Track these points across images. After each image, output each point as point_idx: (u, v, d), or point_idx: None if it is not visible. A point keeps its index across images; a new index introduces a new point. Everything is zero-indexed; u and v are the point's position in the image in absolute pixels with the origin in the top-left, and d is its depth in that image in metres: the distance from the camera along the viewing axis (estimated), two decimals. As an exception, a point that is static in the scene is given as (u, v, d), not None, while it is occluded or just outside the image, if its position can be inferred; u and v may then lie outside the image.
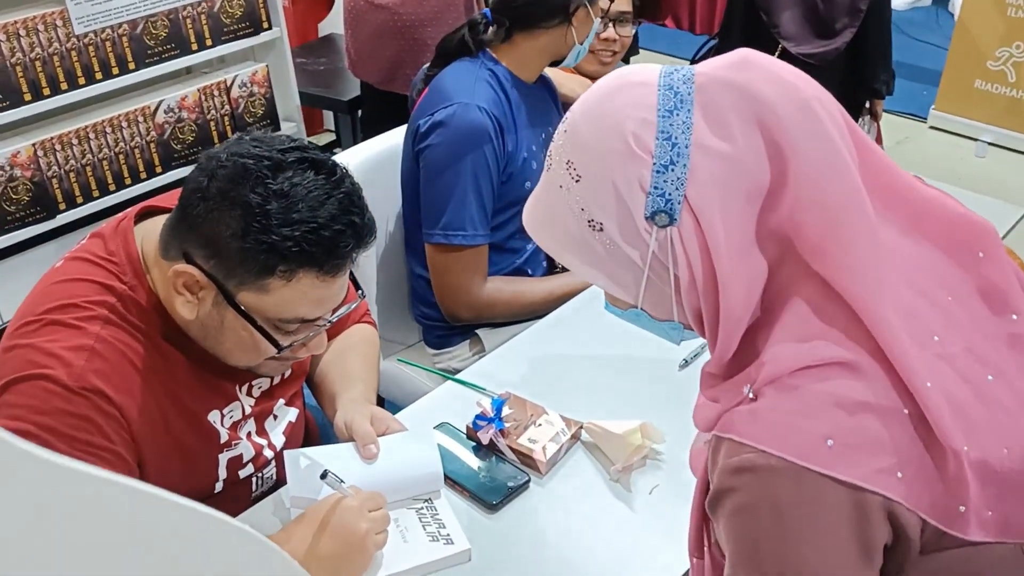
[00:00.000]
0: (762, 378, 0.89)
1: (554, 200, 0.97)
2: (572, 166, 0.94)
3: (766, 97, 0.88)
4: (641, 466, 1.49)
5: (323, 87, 3.54)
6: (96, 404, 1.20)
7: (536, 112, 2.02)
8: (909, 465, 0.85)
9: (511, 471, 1.47)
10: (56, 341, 1.20)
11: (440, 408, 1.62)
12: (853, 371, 0.87)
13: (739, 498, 0.88)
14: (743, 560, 0.90)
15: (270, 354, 1.28)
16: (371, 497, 1.29)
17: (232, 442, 1.40)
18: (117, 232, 1.30)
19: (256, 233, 1.16)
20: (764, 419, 0.87)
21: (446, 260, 1.95)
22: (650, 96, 0.91)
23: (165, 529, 0.54)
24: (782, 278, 0.92)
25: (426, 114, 1.92)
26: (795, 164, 0.88)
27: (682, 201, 0.89)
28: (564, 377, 1.70)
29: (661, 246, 0.92)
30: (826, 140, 0.88)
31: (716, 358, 0.96)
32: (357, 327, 1.67)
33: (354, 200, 1.22)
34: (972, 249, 0.96)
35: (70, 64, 2.56)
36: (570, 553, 1.35)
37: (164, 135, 2.83)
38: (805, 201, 0.88)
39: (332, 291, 1.24)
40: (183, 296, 1.23)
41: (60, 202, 2.66)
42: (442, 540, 1.34)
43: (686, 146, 0.89)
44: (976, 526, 0.87)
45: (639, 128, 0.90)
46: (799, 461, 0.84)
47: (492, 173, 1.91)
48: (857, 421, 0.85)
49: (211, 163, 1.20)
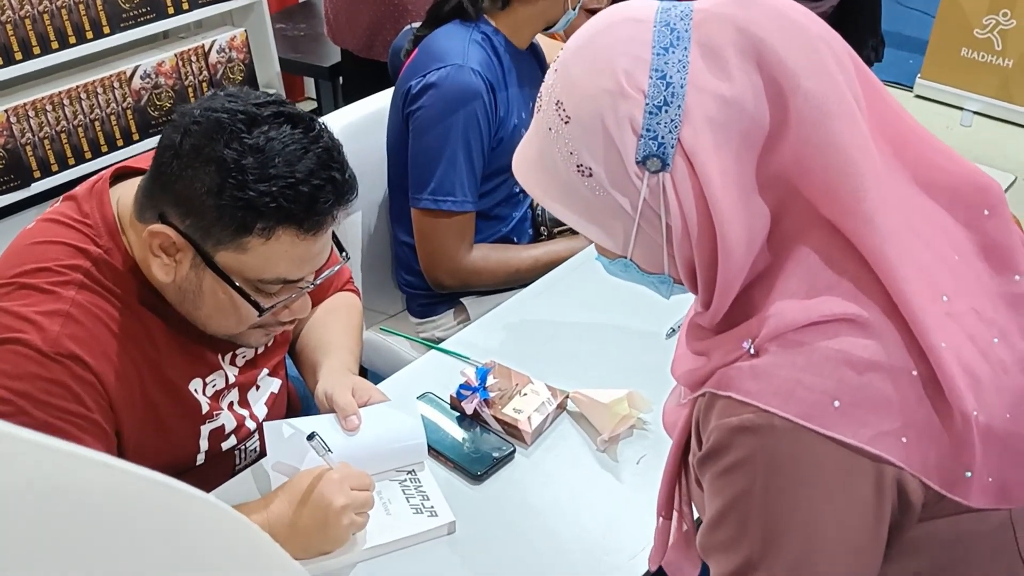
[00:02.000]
0: (765, 333, 0.85)
1: (543, 143, 0.92)
2: (561, 106, 0.89)
3: (768, 35, 0.83)
4: (628, 436, 1.47)
5: (303, 53, 3.48)
6: (72, 370, 1.16)
7: (526, 79, 1.99)
8: (914, 428, 0.82)
9: (496, 441, 1.45)
10: (30, 306, 1.17)
11: (423, 378, 1.60)
12: (863, 328, 0.83)
13: (734, 455, 0.84)
14: (727, 516, 0.87)
15: (251, 319, 1.24)
16: (356, 475, 1.26)
17: (213, 412, 1.37)
18: (92, 194, 1.26)
19: (232, 189, 1.12)
20: (767, 376, 0.83)
21: (433, 225, 1.91)
22: (644, 32, 0.86)
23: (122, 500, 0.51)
24: (785, 226, 0.87)
25: (417, 76, 1.87)
26: (796, 105, 0.82)
27: (676, 144, 0.84)
28: (550, 346, 1.67)
29: (653, 193, 0.87)
30: (829, 81, 0.83)
31: (711, 313, 0.91)
32: (340, 295, 1.64)
33: (333, 156, 1.18)
34: (978, 206, 0.91)
35: (43, 28, 2.50)
36: (556, 524, 1.33)
37: (141, 101, 2.77)
38: (809, 144, 0.83)
39: (314, 250, 1.21)
40: (160, 259, 1.19)
41: (35, 170, 2.61)
42: (426, 512, 1.32)
43: (681, 86, 0.84)
44: (978, 492, 0.84)
45: (632, 66, 0.85)
46: (803, 421, 0.81)
47: (483, 137, 1.87)
48: (866, 381, 0.81)
49: (184, 119, 1.16)
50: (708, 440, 0.87)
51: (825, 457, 0.81)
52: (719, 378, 0.87)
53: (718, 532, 0.88)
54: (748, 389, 0.84)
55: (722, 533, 0.88)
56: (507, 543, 1.31)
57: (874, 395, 0.81)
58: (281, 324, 1.31)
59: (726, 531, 0.87)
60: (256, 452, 1.48)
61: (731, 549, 0.87)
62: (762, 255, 0.88)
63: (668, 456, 1.03)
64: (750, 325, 0.87)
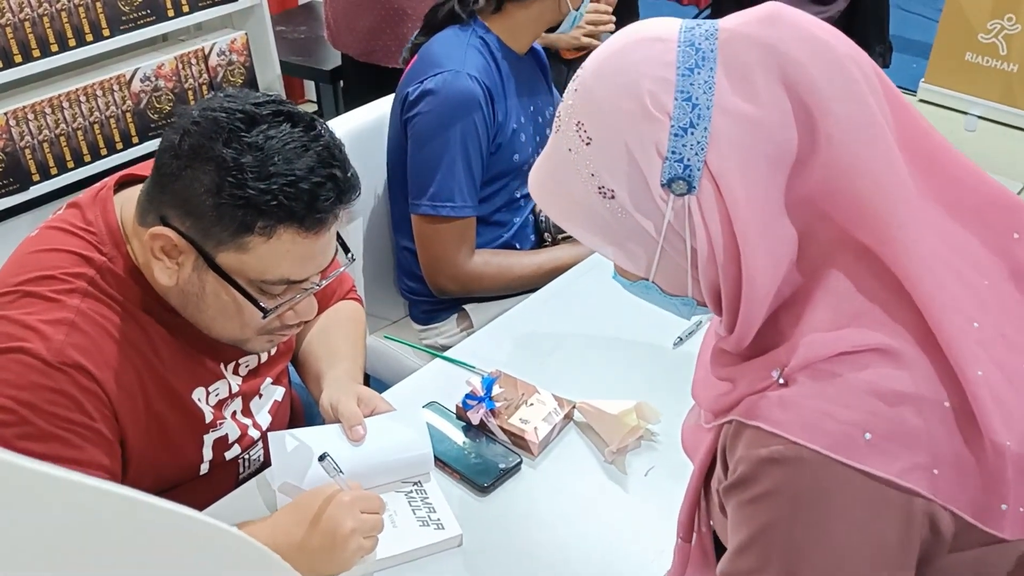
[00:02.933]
0: (794, 363, 0.82)
1: (561, 164, 0.89)
2: (582, 127, 0.86)
3: (796, 56, 0.80)
4: (636, 447, 1.45)
5: (304, 56, 3.46)
6: (76, 380, 1.15)
7: (525, 84, 1.97)
8: (946, 461, 0.79)
9: (502, 452, 1.43)
10: (33, 314, 1.15)
11: (428, 387, 1.58)
12: (894, 359, 0.80)
13: (761, 487, 0.82)
14: (751, 547, 0.85)
15: (255, 320, 1.22)
16: (367, 497, 1.23)
17: (217, 422, 1.35)
18: (96, 201, 1.24)
19: (231, 188, 1.10)
20: (796, 407, 0.81)
21: (433, 231, 1.90)
22: (669, 53, 0.83)
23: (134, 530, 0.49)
24: (813, 251, 0.85)
25: (415, 82, 1.86)
26: (825, 127, 0.80)
27: (702, 167, 0.82)
28: (556, 355, 1.65)
29: (678, 216, 0.84)
30: (860, 103, 0.80)
31: (735, 337, 0.89)
32: (343, 303, 1.62)
33: (334, 153, 1.16)
34: (1007, 229, 0.89)
35: (42, 31, 2.48)
36: (563, 537, 1.31)
37: (140, 104, 2.75)
38: (838, 168, 0.81)
39: (316, 248, 1.18)
40: (162, 262, 1.18)
41: (33, 173, 2.58)
42: (433, 525, 1.30)
43: (707, 107, 0.81)
44: (1011, 523, 0.81)
45: (656, 87, 0.82)
46: (832, 454, 0.78)
47: (482, 143, 1.86)
48: (897, 413, 0.79)
49: (183, 120, 1.15)
50: (735, 470, 0.85)
51: (854, 490, 0.79)
52: (747, 407, 0.84)
53: (740, 561, 0.86)
54: (777, 419, 0.81)
55: (744, 562, 0.86)
56: (515, 556, 1.29)
57: (906, 428, 0.79)
58: (287, 327, 1.29)
59: (748, 561, 0.85)
60: (260, 460, 1.46)
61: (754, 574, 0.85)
62: (789, 280, 0.86)
63: (690, 479, 1.01)
64: (778, 353, 0.85)
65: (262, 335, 1.27)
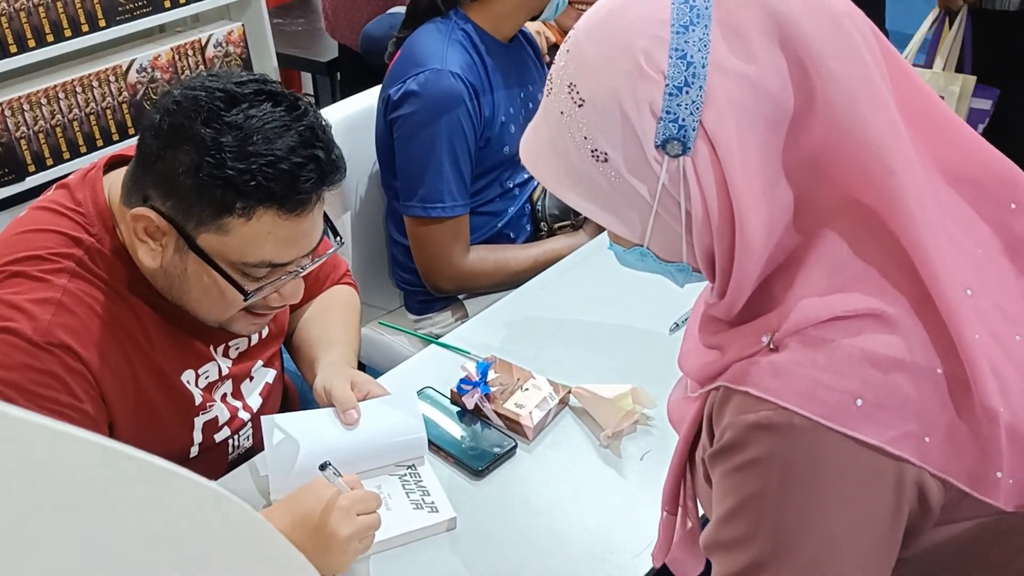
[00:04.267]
0: (785, 328, 0.81)
1: (554, 128, 0.87)
2: (575, 89, 0.84)
3: (791, 12, 0.79)
4: (632, 431, 1.44)
5: (301, 48, 3.46)
6: (63, 360, 1.14)
7: (513, 73, 1.95)
8: (939, 428, 0.79)
9: (497, 437, 1.43)
10: (20, 294, 1.15)
11: (423, 372, 1.57)
12: (888, 324, 0.79)
13: (750, 453, 0.81)
14: (738, 515, 0.84)
15: (238, 303, 1.22)
16: (364, 498, 1.20)
17: (207, 404, 1.34)
18: (84, 182, 1.24)
19: (209, 168, 1.10)
20: (788, 373, 0.79)
21: (426, 232, 1.89)
22: (663, 10, 0.81)
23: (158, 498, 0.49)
24: (809, 215, 0.83)
25: (397, 82, 1.83)
26: (822, 86, 0.79)
27: (697, 127, 0.80)
28: (551, 341, 1.65)
29: (672, 178, 0.82)
30: (858, 62, 0.79)
31: (726, 303, 0.87)
32: (337, 288, 1.62)
33: (318, 134, 1.15)
34: (1005, 200, 0.88)
35: (38, 21, 2.47)
36: (558, 521, 1.31)
37: (137, 95, 2.74)
38: (838, 129, 0.79)
39: (299, 231, 1.17)
40: (146, 243, 1.17)
41: (29, 164, 2.57)
42: (426, 508, 1.29)
43: (702, 66, 0.79)
44: (1006, 493, 0.80)
45: (651, 45, 0.81)
46: (824, 421, 0.77)
47: (469, 140, 1.84)
48: (890, 380, 0.78)
49: (165, 99, 1.14)
50: (722, 436, 0.84)
51: (845, 458, 0.78)
52: (736, 372, 0.83)
53: (726, 530, 0.85)
54: (767, 385, 0.80)
55: (730, 531, 0.85)
56: (508, 539, 1.28)
57: (898, 395, 0.78)
58: (271, 309, 1.28)
59: (735, 529, 0.84)
60: (249, 443, 1.46)
61: (738, 548, 0.84)
62: (783, 244, 0.84)
63: (675, 450, 1.00)
64: (769, 318, 0.83)
65: (246, 315, 1.26)
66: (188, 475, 0.49)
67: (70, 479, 0.45)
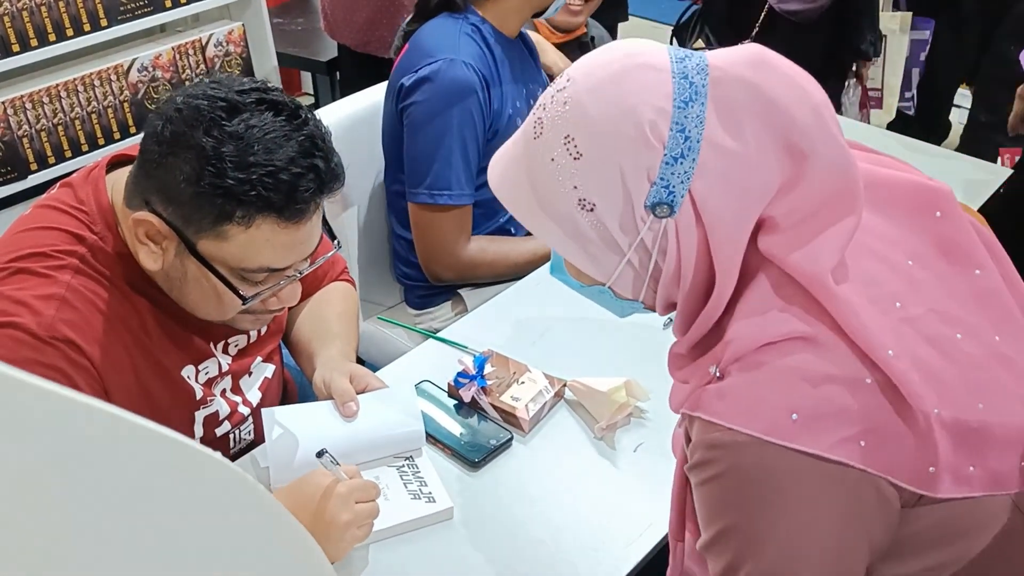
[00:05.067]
0: (727, 357, 0.90)
1: (540, 169, 0.93)
2: (571, 141, 0.90)
3: (782, 101, 0.87)
4: (626, 424, 1.47)
5: (301, 47, 3.47)
6: (67, 354, 1.16)
7: (519, 69, 1.98)
8: (874, 432, 0.86)
9: (493, 429, 1.45)
10: (25, 289, 1.17)
11: (421, 366, 1.60)
12: (814, 344, 0.88)
13: (709, 471, 0.90)
14: (709, 524, 0.93)
15: (236, 307, 1.24)
16: (363, 487, 1.22)
17: (207, 399, 1.36)
18: (88, 181, 1.26)
19: (210, 177, 1.11)
20: (730, 397, 0.88)
21: (430, 219, 1.91)
22: (666, 84, 0.88)
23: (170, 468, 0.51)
24: (748, 258, 0.92)
25: (410, 71, 1.87)
26: (811, 166, 0.87)
27: (685, 194, 0.88)
28: (547, 335, 1.67)
29: (653, 235, 0.91)
30: (836, 143, 0.88)
31: (687, 340, 0.97)
32: (335, 284, 1.64)
33: (317, 143, 1.17)
34: (929, 210, 0.97)
35: (40, 20, 2.49)
36: (553, 511, 1.33)
37: (138, 94, 2.77)
38: (808, 198, 0.88)
39: (298, 237, 1.19)
40: (147, 247, 1.19)
41: (31, 162, 2.60)
42: (424, 498, 1.32)
43: (697, 140, 0.87)
44: (950, 483, 0.88)
45: (656, 117, 0.88)
46: (765, 436, 0.85)
47: (478, 131, 1.87)
48: (820, 393, 0.86)
49: (167, 107, 1.16)
50: (692, 455, 0.93)
51: (790, 468, 0.86)
52: (692, 400, 0.92)
53: (705, 537, 0.94)
54: (714, 410, 0.89)
55: (708, 538, 0.94)
56: (504, 530, 1.31)
57: (830, 405, 0.86)
58: (271, 311, 1.31)
59: (709, 536, 0.93)
60: (251, 437, 1.48)
61: (716, 552, 0.93)
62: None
63: (674, 478, 1.06)
64: (716, 351, 0.92)
65: (246, 314, 1.29)
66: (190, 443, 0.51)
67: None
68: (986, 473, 0.89)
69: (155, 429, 0.49)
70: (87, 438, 0.47)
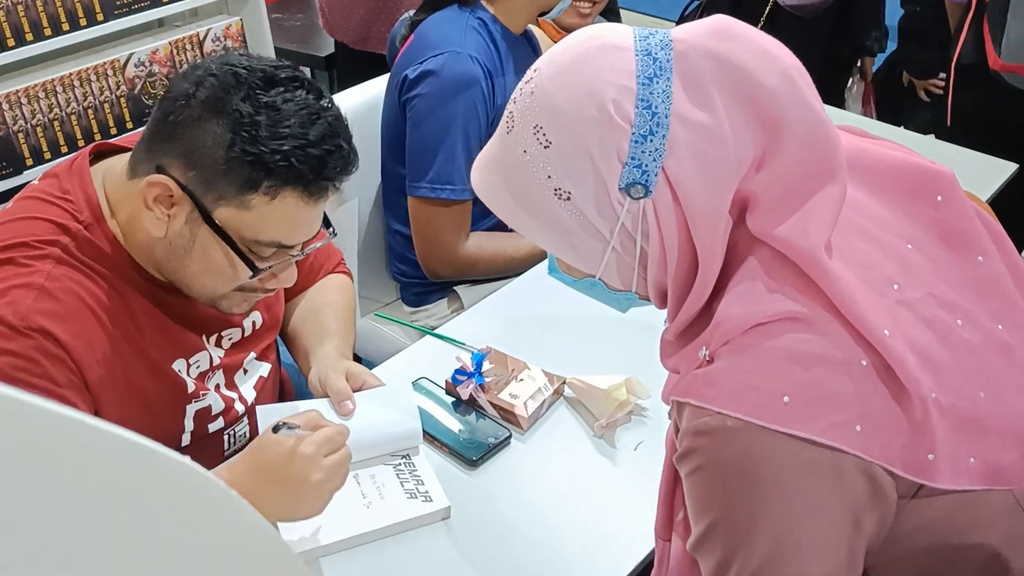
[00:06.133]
0: (716, 340, 0.88)
1: (514, 165, 0.92)
2: (540, 131, 0.89)
3: (750, 68, 0.85)
4: (626, 422, 1.45)
5: (299, 43, 3.47)
6: (41, 345, 1.14)
7: (523, 65, 1.95)
8: (870, 417, 0.83)
9: (491, 427, 1.43)
10: (3, 280, 1.15)
11: (418, 363, 1.58)
12: (806, 324, 0.85)
13: (697, 460, 0.87)
14: (699, 518, 0.90)
15: (239, 279, 1.22)
16: (328, 439, 1.18)
17: (200, 392, 1.34)
18: (72, 171, 1.24)
19: (243, 144, 1.11)
20: (719, 381, 0.86)
21: (430, 214, 1.89)
22: (628, 62, 0.87)
23: (96, 459, 0.49)
24: (737, 239, 0.90)
25: (414, 63, 1.85)
26: (786, 133, 0.85)
27: (659, 173, 0.86)
28: (546, 332, 1.65)
29: (632, 219, 0.89)
30: (809, 108, 0.86)
31: (676, 326, 0.95)
32: (332, 277, 1.62)
33: (342, 125, 1.19)
34: (929, 195, 0.94)
35: (36, 15, 2.47)
36: (552, 511, 1.31)
37: (135, 90, 2.74)
38: (787, 168, 0.86)
39: (312, 215, 1.20)
40: (154, 211, 1.17)
41: (27, 157, 2.57)
42: (420, 497, 1.30)
43: (665, 116, 0.85)
44: (950, 473, 0.84)
45: (619, 95, 0.86)
46: (754, 420, 0.82)
47: (481, 125, 1.85)
48: (813, 376, 0.83)
49: (197, 72, 1.15)
50: (680, 444, 0.90)
51: (780, 453, 0.83)
52: (681, 386, 0.90)
53: (696, 531, 0.91)
54: (703, 394, 0.86)
55: (698, 533, 0.90)
56: (503, 529, 1.29)
57: (823, 389, 0.83)
58: (264, 291, 1.29)
59: (700, 531, 0.90)
60: (246, 436, 1.46)
61: (707, 547, 0.90)
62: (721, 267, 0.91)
63: (662, 474, 1.04)
64: (705, 335, 0.90)
65: (237, 292, 1.26)
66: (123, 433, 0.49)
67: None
68: (986, 465, 0.86)
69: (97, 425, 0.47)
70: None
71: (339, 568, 1.23)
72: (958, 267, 0.93)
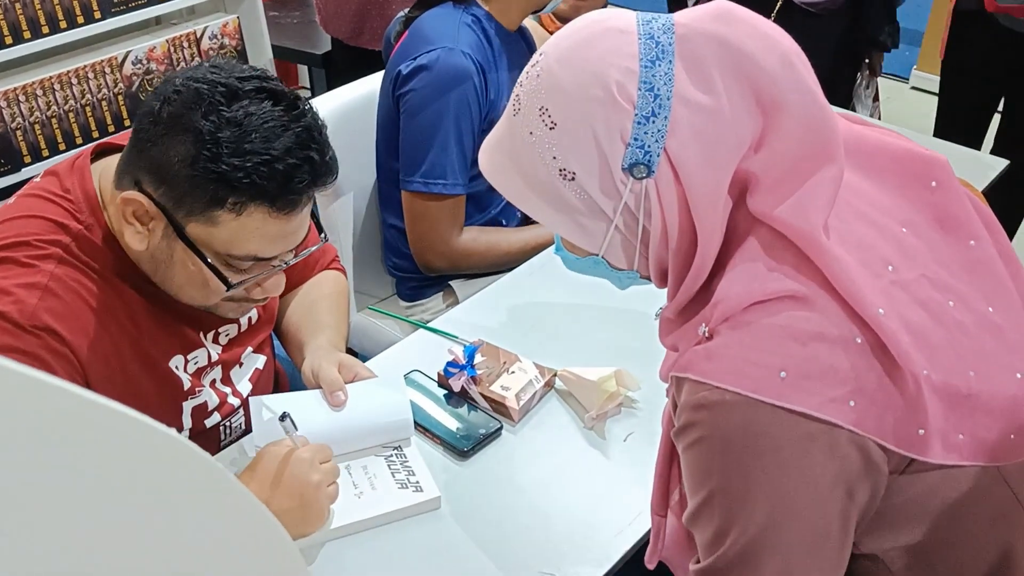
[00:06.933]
0: (716, 317, 0.90)
1: (521, 146, 0.94)
2: (546, 112, 0.91)
3: (750, 51, 0.87)
4: (616, 413, 1.46)
5: (296, 40, 3.47)
6: (47, 343, 1.16)
7: (516, 62, 1.97)
8: (864, 393, 0.85)
9: (483, 419, 1.44)
10: (7, 279, 1.16)
11: (411, 356, 1.59)
12: (803, 303, 0.87)
13: (695, 433, 0.89)
14: (696, 490, 0.92)
15: (220, 292, 1.23)
16: (320, 449, 1.25)
17: (196, 389, 1.36)
18: (73, 170, 1.25)
19: (205, 161, 1.11)
20: (719, 356, 0.88)
21: (424, 208, 1.90)
22: (631, 44, 0.89)
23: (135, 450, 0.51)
24: (737, 220, 0.92)
25: (408, 58, 1.86)
26: (785, 115, 0.88)
27: (661, 153, 0.88)
28: (538, 325, 1.67)
29: (635, 198, 0.91)
30: (808, 91, 0.88)
31: (675, 304, 0.97)
32: (325, 273, 1.63)
33: (314, 136, 1.17)
34: (924, 180, 0.97)
35: (33, 12, 2.48)
36: (542, 501, 1.33)
37: (132, 87, 2.76)
38: (786, 150, 0.88)
39: (287, 228, 1.19)
40: (133, 226, 1.19)
41: (25, 155, 2.59)
42: (411, 487, 1.31)
43: (668, 98, 0.88)
44: (940, 448, 0.87)
45: (623, 77, 0.88)
46: (752, 394, 0.85)
47: (474, 120, 1.86)
48: (810, 351, 0.85)
49: (166, 87, 1.15)
50: (679, 419, 0.92)
51: (777, 427, 0.85)
52: (681, 362, 0.91)
53: (692, 504, 0.93)
54: (703, 369, 0.88)
55: (695, 505, 0.92)
56: (493, 519, 1.30)
57: (819, 364, 0.85)
58: (254, 300, 1.30)
59: (696, 503, 0.92)
60: (241, 428, 1.47)
61: (704, 519, 0.92)
62: (721, 246, 0.93)
63: (658, 452, 1.05)
64: (705, 312, 0.92)
65: (228, 301, 1.28)
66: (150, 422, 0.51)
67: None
68: (975, 442, 0.89)
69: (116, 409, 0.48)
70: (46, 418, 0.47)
71: (330, 557, 1.24)
72: (951, 250, 0.95)
